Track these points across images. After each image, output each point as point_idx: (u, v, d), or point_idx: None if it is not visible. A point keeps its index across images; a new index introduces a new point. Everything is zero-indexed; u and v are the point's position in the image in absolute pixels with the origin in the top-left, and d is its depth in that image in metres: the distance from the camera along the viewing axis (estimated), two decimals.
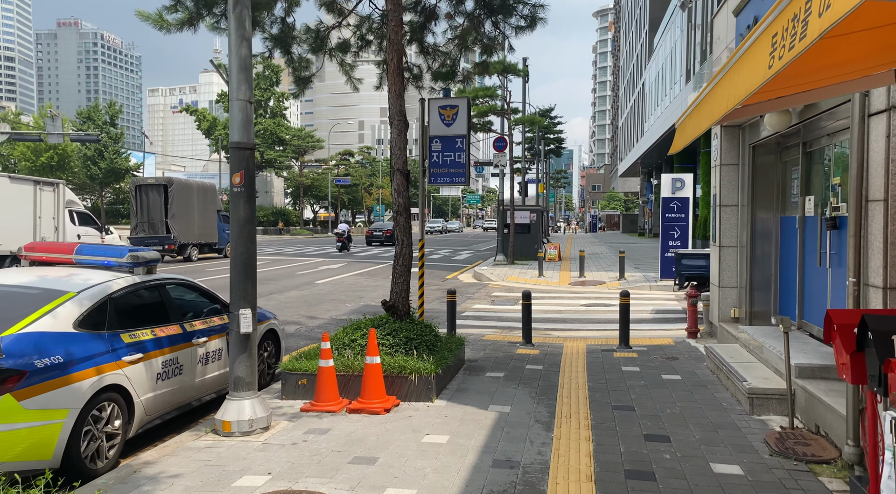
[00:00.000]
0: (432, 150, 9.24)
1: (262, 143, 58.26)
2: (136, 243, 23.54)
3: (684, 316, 11.35)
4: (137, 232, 23.67)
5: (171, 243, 23.37)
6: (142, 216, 23.68)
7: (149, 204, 23.64)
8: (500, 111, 22.08)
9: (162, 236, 23.31)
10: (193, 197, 24.98)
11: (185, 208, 24.11)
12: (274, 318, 7.44)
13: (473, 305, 13.34)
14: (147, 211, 23.66)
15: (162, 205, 23.54)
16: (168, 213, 23.49)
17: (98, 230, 19.06)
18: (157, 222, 23.50)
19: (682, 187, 15.35)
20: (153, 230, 23.54)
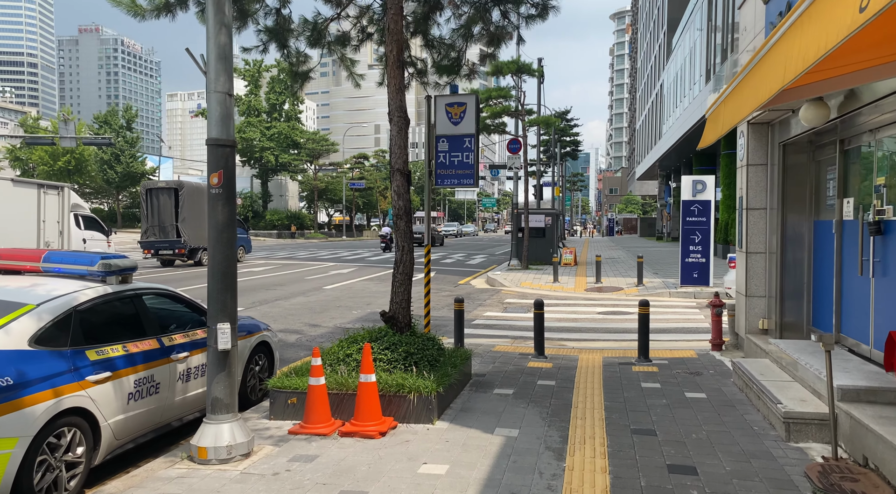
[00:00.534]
0: (439, 150, 8.74)
1: (277, 146, 58.22)
2: (146, 247, 23.52)
3: (708, 327, 10.73)
4: (148, 236, 23.51)
5: (181, 247, 23.17)
6: (152, 220, 23.45)
7: (159, 208, 23.38)
8: (514, 112, 21.54)
9: (172, 240, 23.11)
10: (204, 200, 24.59)
11: (196, 212, 23.73)
12: (266, 329, 6.97)
13: (485, 312, 12.81)
14: (157, 215, 23.40)
15: (172, 208, 23.30)
16: (179, 216, 23.25)
17: (104, 234, 18.81)
18: (168, 225, 23.23)
19: (704, 190, 14.70)
20: (164, 234, 23.29)
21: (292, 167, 59.66)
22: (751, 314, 8.02)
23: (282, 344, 9.52)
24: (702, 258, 14.80)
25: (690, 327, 10.89)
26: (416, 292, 14.17)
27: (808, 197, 7.38)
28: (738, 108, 3.45)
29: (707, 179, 14.77)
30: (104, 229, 18.86)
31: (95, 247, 18.35)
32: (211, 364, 4.67)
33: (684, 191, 14.97)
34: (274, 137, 58.07)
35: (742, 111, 3.31)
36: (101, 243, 18.60)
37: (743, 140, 8.16)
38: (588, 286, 16.65)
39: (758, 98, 2.97)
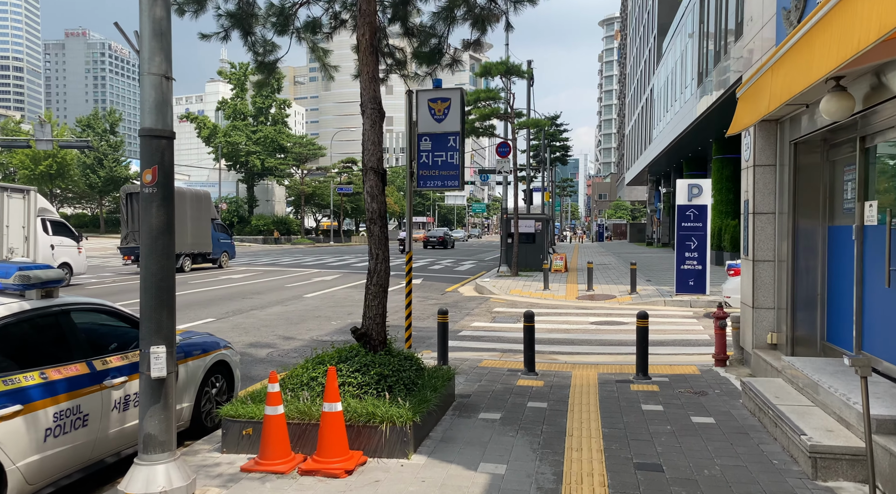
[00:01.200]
0: (421, 149, 8.08)
1: (263, 150, 57.38)
2: (126, 253, 22.87)
3: (707, 339, 10.11)
4: (128, 241, 22.79)
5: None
6: (133, 225, 22.69)
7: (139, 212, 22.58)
8: (503, 115, 20.94)
9: None
10: (186, 205, 24.12)
11: (178, 217, 22.29)
12: (226, 346, 6.25)
13: (472, 322, 12.13)
14: (138, 219, 22.58)
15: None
16: None
17: (74, 240, 17.97)
18: None
19: (700, 194, 14.12)
20: None
21: (279, 172, 58.80)
22: (758, 327, 7.39)
23: (250, 360, 8.81)
24: (698, 265, 14.21)
25: (689, 339, 10.25)
26: (399, 301, 13.47)
27: (821, 200, 6.76)
28: (801, 75, 2.81)
29: (703, 183, 14.20)
30: (74, 235, 18.03)
31: (64, 254, 17.51)
32: (143, 395, 3.96)
33: (679, 195, 14.39)
34: (260, 141, 57.21)
35: (807, 77, 2.67)
36: (71, 249, 17.76)
37: (749, 139, 7.56)
38: (580, 294, 16.02)
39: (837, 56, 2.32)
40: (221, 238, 26.78)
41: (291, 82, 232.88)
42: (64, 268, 17.52)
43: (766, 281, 7.35)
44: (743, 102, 3.54)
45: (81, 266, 17.84)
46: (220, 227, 26.99)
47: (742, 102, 3.56)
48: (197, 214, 24.65)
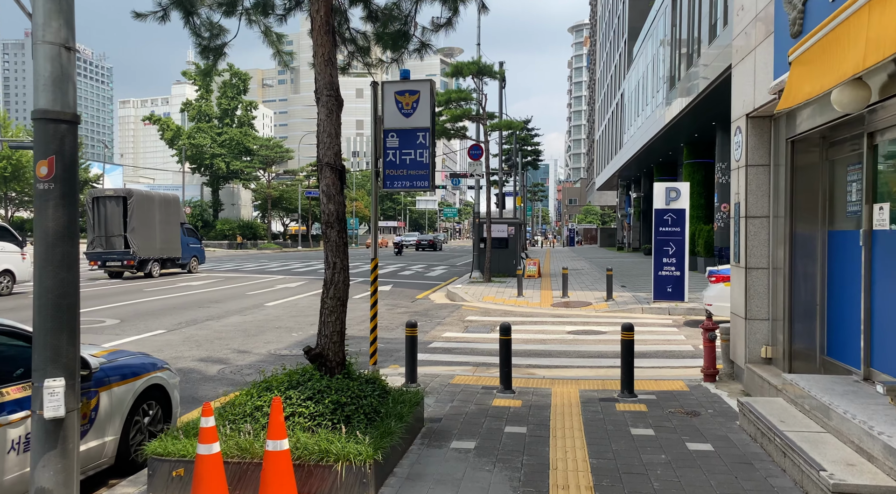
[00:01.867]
0: (387, 146, 7.40)
1: (229, 153, 56.00)
2: (92, 258, 22.16)
3: (692, 350, 9.59)
4: (94, 247, 22.14)
5: (130, 259, 21.99)
6: (99, 230, 22.14)
7: (107, 217, 22.11)
8: (475, 116, 20.36)
9: (121, 251, 21.97)
10: (155, 209, 23.45)
11: (146, 221, 22.66)
12: (161, 367, 5.47)
13: (443, 333, 11.45)
14: (105, 224, 22.13)
15: (121, 218, 22.10)
16: (127, 226, 22.06)
17: (17, 246, 16.82)
18: (116, 236, 22.11)
19: (678, 198, 13.68)
20: (111, 245, 22.13)
21: (245, 175, 57.44)
22: (751, 340, 6.86)
23: (199, 378, 8.00)
24: (676, 272, 13.76)
25: (673, 350, 9.71)
26: (367, 310, 12.72)
27: (820, 203, 6.25)
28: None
29: (681, 186, 13.77)
30: (17, 240, 16.89)
31: (6, 260, 16.36)
32: (35, 439, 3.20)
33: (657, 199, 13.93)
34: (225, 144, 55.82)
35: None
36: (14, 254, 16.61)
37: (740, 137, 7.04)
38: (555, 301, 15.47)
39: None
40: (191, 243, 26.25)
41: (259, 85, 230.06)
42: (5, 276, 16.51)
43: (760, 290, 6.82)
44: (802, 67, 2.95)
45: (25, 273, 16.86)
46: (190, 231, 26.45)
47: (800, 66, 2.98)
48: (166, 218, 23.96)
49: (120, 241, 22.05)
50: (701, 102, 23.29)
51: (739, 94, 7.07)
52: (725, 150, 27.35)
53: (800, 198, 6.40)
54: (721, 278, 11.22)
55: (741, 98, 7.02)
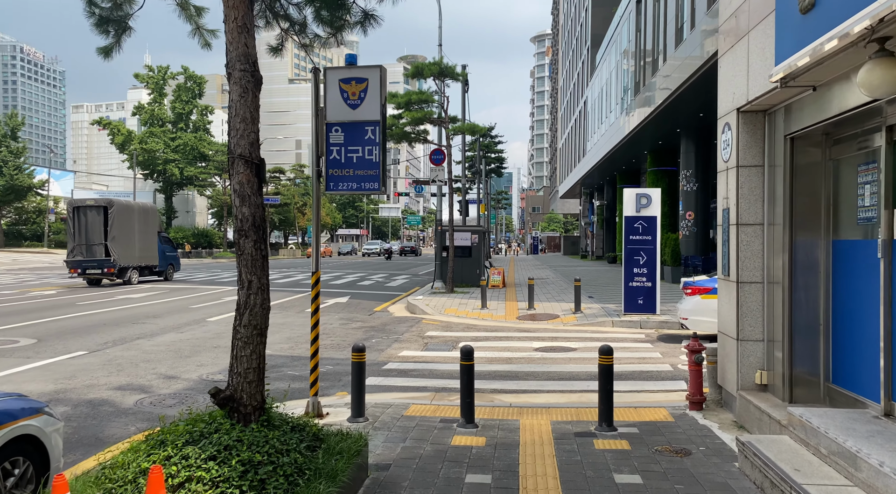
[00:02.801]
0: (331, 142, 6.43)
1: (183, 158, 54.03)
2: (72, 266, 22.57)
3: (670, 370, 8.80)
4: (74, 254, 22.58)
5: (110, 267, 22.56)
6: (79, 239, 22.57)
7: (87, 226, 22.59)
8: (437, 119, 19.48)
9: (101, 259, 22.49)
10: (134, 219, 23.95)
11: (126, 230, 23.27)
12: (37, 412, 4.36)
13: (400, 351, 10.45)
14: (85, 233, 22.55)
15: (101, 227, 22.61)
16: (108, 235, 22.59)
17: None
18: (96, 244, 22.58)
19: (649, 204, 13.00)
20: (91, 253, 22.58)
21: (199, 181, 55.47)
22: (744, 363, 6.06)
23: (110, 412, 6.85)
24: (647, 282, 13.06)
25: (650, 370, 8.90)
26: (328, 326, 11.67)
27: (823, 209, 5.49)
28: None
29: (652, 192, 13.09)
30: None
31: None
32: None
33: (626, 206, 13.23)
34: (179, 149, 53.84)
35: None
36: None
37: (729, 134, 6.26)
38: (520, 314, 14.62)
39: None
40: (167, 251, 26.48)
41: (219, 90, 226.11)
42: None
43: (754, 307, 6.03)
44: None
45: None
46: (165, 240, 26.71)
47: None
48: (144, 227, 24.40)
49: (100, 249, 22.45)
50: (667, 107, 22.88)
51: (728, 86, 6.30)
52: (690, 157, 27.05)
53: (800, 203, 5.63)
54: (697, 291, 10.51)
55: (730, 91, 6.25)
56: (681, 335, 11.73)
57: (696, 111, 23.43)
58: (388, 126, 19.18)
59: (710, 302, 10.33)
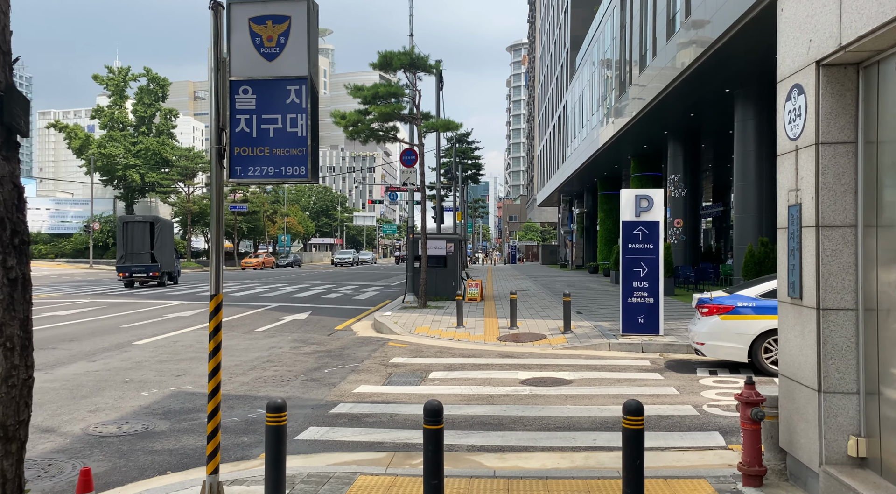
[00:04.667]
0: (238, 108, 4.50)
1: (144, 164, 51.38)
2: (121, 270, 27.37)
3: (693, 413, 6.94)
4: (123, 261, 27.36)
5: (156, 271, 27.57)
6: (129, 247, 27.21)
7: (134, 237, 27.22)
8: (408, 116, 17.61)
9: (148, 265, 27.44)
10: (167, 232, 29.00)
11: (164, 242, 28.31)
12: None
13: (356, 386, 8.48)
14: (132, 243, 27.17)
15: (148, 238, 27.34)
16: (154, 245, 27.54)
17: None
18: (143, 253, 27.31)
19: (650, 207, 11.25)
20: (139, 260, 27.29)
21: (162, 188, 52.79)
22: (831, 425, 4.23)
23: None
24: (649, 298, 11.28)
25: (670, 415, 7.03)
26: (268, 351, 9.66)
27: None
28: None
29: (654, 193, 11.34)
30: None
31: None
32: None
33: (624, 209, 11.46)
34: (141, 154, 51.20)
35: None
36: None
37: (801, 100, 4.46)
38: (501, 333, 12.75)
39: None
40: (177, 260, 31.17)
41: (191, 97, 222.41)
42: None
43: (843, 344, 4.22)
44: None
45: None
46: (175, 250, 31.36)
47: None
48: (170, 239, 29.52)
49: (147, 257, 27.34)
50: (654, 107, 21.32)
51: (800, 31, 4.50)
52: (678, 161, 25.54)
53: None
54: (716, 310, 8.74)
55: (803, 38, 4.45)
56: (691, 360, 9.95)
57: (686, 111, 21.90)
58: (353, 123, 17.28)
59: (731, 324, 8.57)
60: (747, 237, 18.40)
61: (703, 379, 8.50)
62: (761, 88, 18.24)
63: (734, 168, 19.15)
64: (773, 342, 8.43)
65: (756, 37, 14.20)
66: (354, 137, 17.56)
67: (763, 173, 18.41)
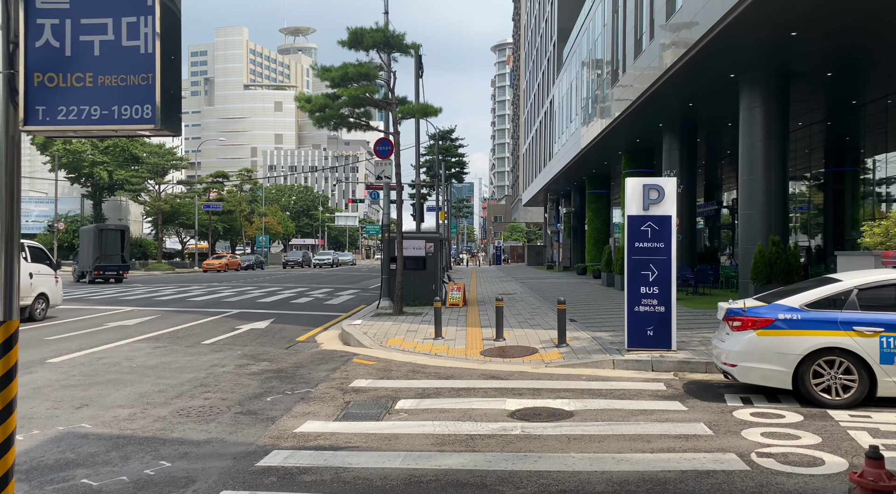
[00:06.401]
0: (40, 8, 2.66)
1: (113, 161, 49.02)
2: (96, 269, 32.19)
3: (744, 469, 5.16)
4: (98, 262, 32.34)
5: (126, 270, 33.81)
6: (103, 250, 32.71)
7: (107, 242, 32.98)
8: (382, 101, 15.82)
9: (118, 265, 33.27)
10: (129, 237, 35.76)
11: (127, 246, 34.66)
12: None
13: (301, 422, 6.66)
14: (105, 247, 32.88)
15: (119, 243, 33.60)
16: (124, 249, 33.98)
17: (52, 268, 16.12)
18: (114, 254, 33.26)
19: (660, 199, 9.55)
20: (110, 261, 32.90)
21: (132, 185, 50.39)
22: None
23: None
24: (659, 307, 9.57)
25: (710, 469, 5.24)
26: (199, 372, 7.85)
27: None
28: None
29: (665, 183, 9.64)
30: (52, 262, 16.41)
31: (42, 283, 15.52)
32: None
33: (629, 202, 9.75)
34: (109, 150, 48.83)
35: None
36: (49, 278, 16.04)
37: None
38: (485, 347, 10.99)
39: None
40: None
41: None
42: (41, 300, 15.52)
43: None
44: None
45: (58, 297, 16.43)
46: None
47: None
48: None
49: (117, 258, 33.36)
50: (651, 95, 19.71)
51: None
52: (673, 155, 23.94)
53: None
54: (752, 323, 7.04)
55: None
56: (713, 382, 8.26)
57: (684, 100, 20.30)
58: (320, 108, 15.44)
59: (771, 341, 6.89)
60: (755, 236, 16.81)
61: (737, 411, 6.79)
62: (770, 72, 16.67)
63: (739, 161, 17.56)
64: (826, 364, 6.75)
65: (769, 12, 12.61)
66: (322, 124, 15.72)
67: (772, 165, 16.85)
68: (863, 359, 6.57)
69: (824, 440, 5.67)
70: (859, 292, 6.79)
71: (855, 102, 20.40)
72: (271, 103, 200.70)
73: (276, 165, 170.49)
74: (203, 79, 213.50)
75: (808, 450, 5.42)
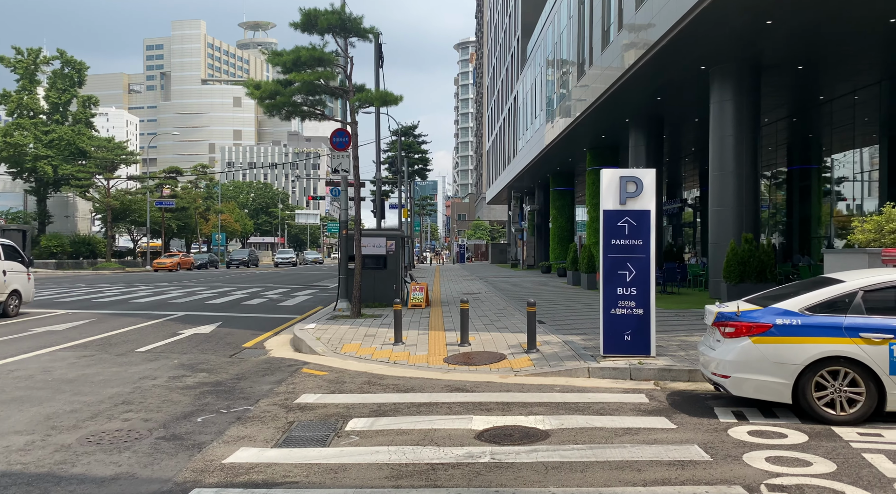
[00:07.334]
0: None
1: (58, 155, 46.61)
2: None
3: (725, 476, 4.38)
4: None
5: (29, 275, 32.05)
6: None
7: None
8: (338, 88, 14.78)
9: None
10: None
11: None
12: None
13: (231, 452, 5.66)
14: None
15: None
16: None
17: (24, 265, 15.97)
18: None
19: (638, 193, 8.80)
20: None
21: (79, 181, 48.00)
22: None
23: None
24: (638, 309, 8.82)
25: None
26: (139, 384, 6.60)
27: None
28: None
29: (644, 174, 8.89)
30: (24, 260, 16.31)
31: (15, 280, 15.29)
32: None
33: (606, 196, 8.99)
34: (54, 144, 46.41)
35: None
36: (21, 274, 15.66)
37: None
38: (449, 353, 10.11)
39: None
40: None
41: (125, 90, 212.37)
42: (13, 297, 15.53)
43: None
44: None
45: (30, 294, 16.46)
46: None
47: None
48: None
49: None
50: (617, 89, 19.12)
51: None
52: (640, 151, 23.44)
53: None
54: (747, 329, 6.30)
55: None
56: (699, 392, 7.53)
57: (653, 93, 19.77)
58: (270, 94, 14.32)
59: (768, 350, 6.16)
60: (727, 234, 16.32)
61: (732, 429, 6.04)
62: (742, 64, 16.18)
63: (710, 155, 17.07)
64: (829, 375, 6.04)
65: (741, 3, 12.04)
66: (272, 113, 14.60)
67: (743, 160, 16.38)
68: (870, 369, 5.88)
69: (840, 467, 4.93)
70: (865, 294, 6.11)
71: (822, 97, 20.17)
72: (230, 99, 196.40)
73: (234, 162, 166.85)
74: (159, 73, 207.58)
75: (824, 481, 4.66)
